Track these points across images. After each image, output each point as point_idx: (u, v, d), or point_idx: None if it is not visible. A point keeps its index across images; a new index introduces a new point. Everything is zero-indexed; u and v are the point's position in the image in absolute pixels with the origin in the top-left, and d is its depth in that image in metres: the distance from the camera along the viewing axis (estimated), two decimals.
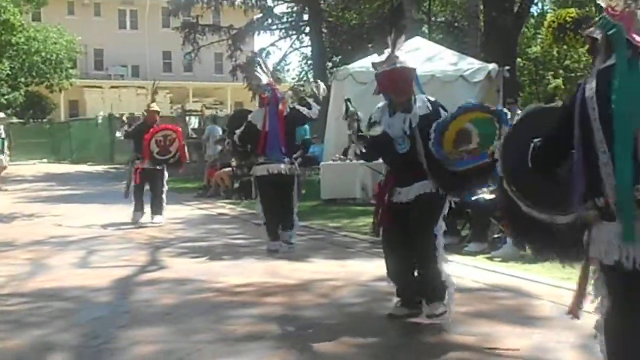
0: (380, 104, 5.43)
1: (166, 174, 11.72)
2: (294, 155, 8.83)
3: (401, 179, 5.23)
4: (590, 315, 5.37)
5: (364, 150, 5.40)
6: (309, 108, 8.56)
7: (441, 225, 5.23)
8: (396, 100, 5.25)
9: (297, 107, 8.57)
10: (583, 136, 3.17)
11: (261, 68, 8.61)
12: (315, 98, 8.62)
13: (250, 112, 9.06)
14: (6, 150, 19.06)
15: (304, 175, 16.58)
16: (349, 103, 5.59)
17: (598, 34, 3.26)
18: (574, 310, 3.62)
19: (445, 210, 5.25)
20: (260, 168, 8.39)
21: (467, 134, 4.98)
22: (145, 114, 11.97)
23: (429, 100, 5.29)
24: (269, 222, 8.50)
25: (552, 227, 3.49)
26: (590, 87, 3.17)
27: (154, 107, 11.78)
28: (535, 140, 3.46)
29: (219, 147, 16.61)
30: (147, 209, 11.54)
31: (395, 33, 5.49)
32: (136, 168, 11.47)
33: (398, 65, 5.32)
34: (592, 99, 3.14)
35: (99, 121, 24.41)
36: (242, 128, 8.47)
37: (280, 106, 8.34)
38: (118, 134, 13.70)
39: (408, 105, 5.21)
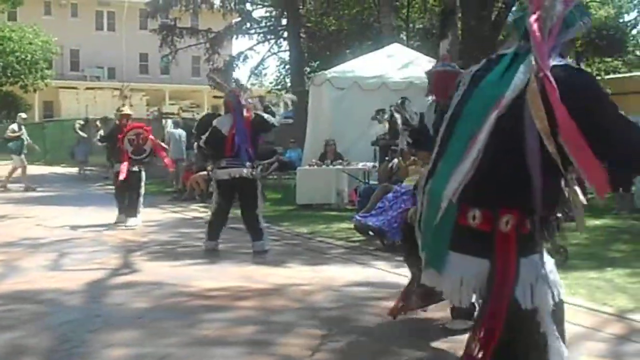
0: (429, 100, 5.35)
1: (144, 175, 11.71)
2: (269, 161, 8.99)
3: None
4: None
5: (410, 141, 5.55)
6: (273, 116, 8.88)
7: None
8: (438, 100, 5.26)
9: (261, 114, 8.77)
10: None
11: (226, 77, 8.92)
12: (285, 106, 8.89)
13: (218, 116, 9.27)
14: (25, 150, 19.23)
15: (279, 179, 16.61)
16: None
17: (510, 19, 3.25)
18: (394, 312, 3.75)
19: None
20: (222, 172, 8.60)
21: None
22: (118, 117, 11.90)
23: None
24: (213, 222, 8.85)
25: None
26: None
27: (126, 110, 11.71)
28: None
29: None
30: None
31: (446, 36, 5.63)
32: (116, 173, 11.46)
33: (440, 67, 5.33)
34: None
35: (76, 127, 24.17)
36: (207, 133, 8.66)
37: (245, 112, 8.62)
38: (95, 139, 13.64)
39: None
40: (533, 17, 2.77)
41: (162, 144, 12.82)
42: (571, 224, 10.12)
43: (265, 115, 8.76)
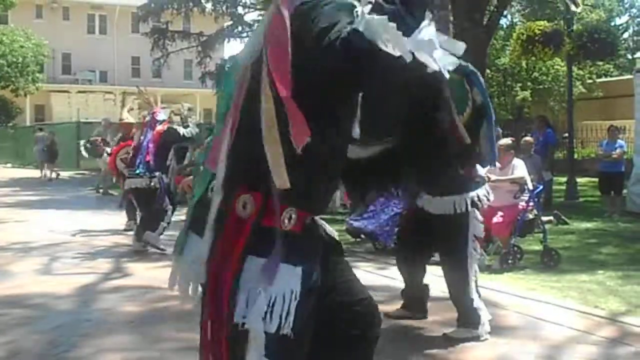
0: None
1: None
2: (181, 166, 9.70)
3: None
4: (555, 325, 5.43)
5: None
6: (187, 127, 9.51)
7: None
8: None
9: (174, 127, 9.40)
10: None
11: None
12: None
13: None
14: None
15: None
16: None
17: None
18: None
19: None
20: (127, 182, 9.53)
21: None
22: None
23: None
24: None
25: None
26: None
27: (128, 118, 11.45)
28: None
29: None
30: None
31: None
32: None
33: None
34: None
35: (82, 149, 23.09)
36: None
37: (159, 127, 9.30)
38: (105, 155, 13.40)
39: None
40: None
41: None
42: (563, 227, 10.18)
43: (177, 127, 9.39)
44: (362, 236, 9.30)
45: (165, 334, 5.25)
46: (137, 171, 9.23)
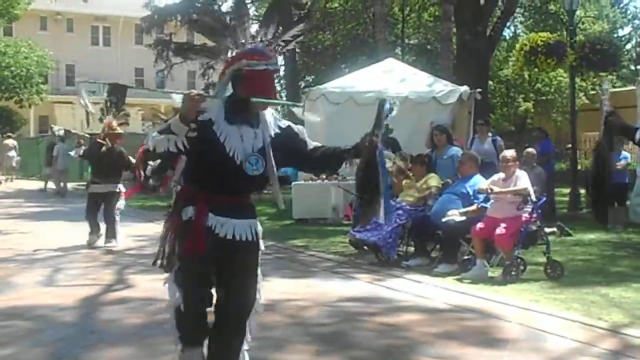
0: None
1: (121, 197, 11.00)
2: None
3: None
4: (558, 337, 5.42)
5: None
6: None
7: None
8: None
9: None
10: None
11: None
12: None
13: None
14: None
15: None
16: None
17: None
18: None
19: None
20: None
21: None
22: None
23: None
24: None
25: None
26: None
27: (117, 129, 11.12)
28: None
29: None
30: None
31: None
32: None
33: None
34: None
35: (57, 133, 23.38)
36: None
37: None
38: (72, 153, 13.20)
39: None
40: None
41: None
42: (566, 239, 10.17)
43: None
44: (365, 247, 9.30)
45: (167, 346, 5.22)
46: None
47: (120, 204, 11.00)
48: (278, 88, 35.96)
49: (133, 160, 11.01)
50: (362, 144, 3.74)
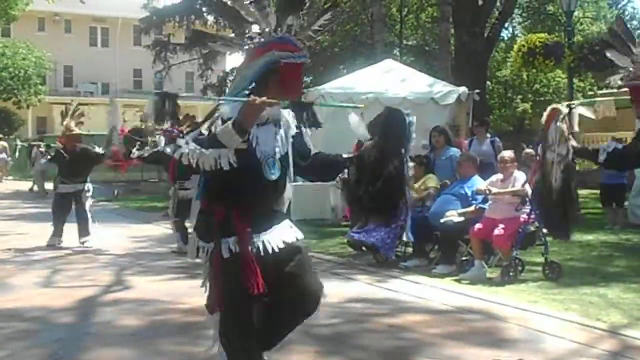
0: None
1: (88, 194, 11.09)
2: None
3: None
4: (556, 338, 5.41)
5: None
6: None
7: None
8: None
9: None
10: None
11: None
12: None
13: None
14: None
15: None
16: None
17: None
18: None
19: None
20: (180, 193, 10.16)
21: None
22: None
23: None
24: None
25: None
26: None
27: (75, 130, 10.99)
28: None
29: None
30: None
31: None
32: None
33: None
34: None
35: (18, 145, 23.74)
36: None
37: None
38: (43, 160, 13.28)
39: None
40: None
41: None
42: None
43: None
44: (364, 248, 9.28)
45: (165, 347, 5.23)
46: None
47: (90, 202, 11.21)
48: None
49: (99, 149, 10.98)
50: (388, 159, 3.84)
